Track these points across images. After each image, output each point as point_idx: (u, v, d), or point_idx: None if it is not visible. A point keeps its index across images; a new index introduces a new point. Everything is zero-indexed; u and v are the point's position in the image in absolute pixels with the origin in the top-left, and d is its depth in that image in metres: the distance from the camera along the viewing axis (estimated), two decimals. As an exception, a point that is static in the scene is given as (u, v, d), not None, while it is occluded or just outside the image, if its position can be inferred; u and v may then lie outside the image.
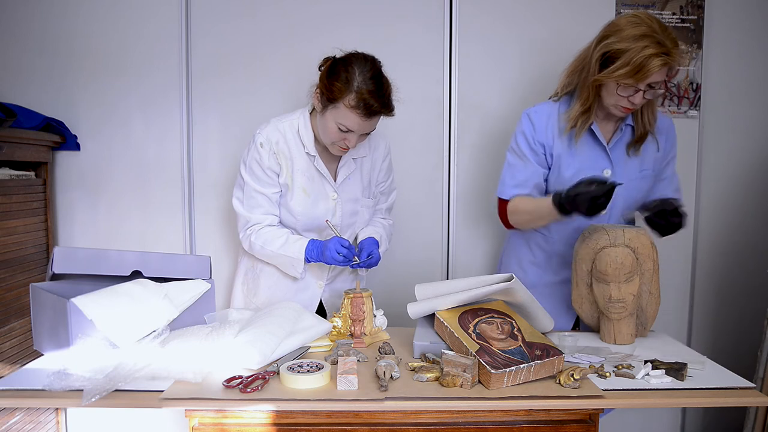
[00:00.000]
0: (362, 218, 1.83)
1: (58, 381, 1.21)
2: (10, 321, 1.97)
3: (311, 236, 1.77)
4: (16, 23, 2.20)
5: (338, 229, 1.73)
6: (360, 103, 1.55)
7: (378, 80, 1.58)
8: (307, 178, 1.73)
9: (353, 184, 1.79)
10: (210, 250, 2.28)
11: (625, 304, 1.54)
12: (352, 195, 1.78)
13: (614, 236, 1.55)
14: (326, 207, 1.75)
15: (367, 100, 1.55)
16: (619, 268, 1.53)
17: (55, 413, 2.22)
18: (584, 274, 1.62)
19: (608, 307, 1.56)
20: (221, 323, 1.46)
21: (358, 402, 1.19)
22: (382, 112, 1.60)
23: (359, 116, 1.57)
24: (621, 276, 1.53)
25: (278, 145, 1.70)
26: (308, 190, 1.73)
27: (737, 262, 2.40)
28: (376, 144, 1.83)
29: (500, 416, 1.24)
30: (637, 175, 1.68)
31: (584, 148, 1.67)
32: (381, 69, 1.62)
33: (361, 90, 1.55)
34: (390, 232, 1.93)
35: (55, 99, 2.23)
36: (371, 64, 1.60)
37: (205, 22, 2.23)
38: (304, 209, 1.73)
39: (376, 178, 1.84)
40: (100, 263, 1.50)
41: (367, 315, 1.59)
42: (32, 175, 2.13)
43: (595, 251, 1.57)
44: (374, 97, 1.56)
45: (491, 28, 2.26)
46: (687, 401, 1.27)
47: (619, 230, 1.56)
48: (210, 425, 1.22)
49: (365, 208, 1.82)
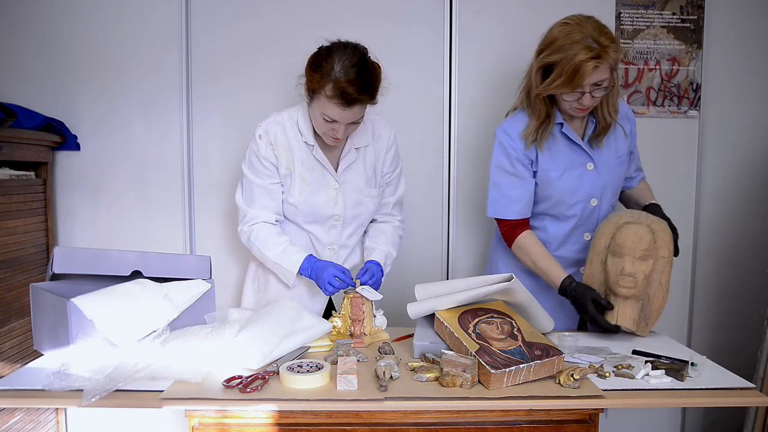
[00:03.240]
0: (367, 209, 1.80)
1: (58, 381, 1.21)
2: (10, 321, 1.97)
3: (313, 229, 1.77)
4: (16, 23, 2.20)
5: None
6: (337, 92, 1.53)
7: (359, 68, 1.55)
8: (306, 167, 1.73)
9: (356, 173, 1.77)
10: (210, 250, 2.28)
11: (635, 279, 1.57)
12: (355, 185, 1.77)
13: (638, 216, 1.64)
14: (327, 197, 1.74)
15: (344, 89, 1.53)
16: (637, 243, 1.57)
17: (55, 413, 2.22)
18: (601, 249, 1.65)
19: (618, 280, 1.58)
20: (221, 323, 1.46)
21: (357, 402, 1.19)
22: (360, 100, 1.56)
23: (338, 106, 1.55)
24: (637, 251, 1.57)
25: (277, 137, 1.71)
26: (308, 180, 1.72)
27: (737, 262, 2.40)
28: (379, 133, 1.80)
29: (500, 416, 1.24)
30: (616, 162, 1.74)
31: (563, 150, 1.71)
32: (364, 56, 1.59)
33: (338, 79, 1.53)
34: (400, 235, 1.91)
35: (55, 99, 2.23)
36: (351, 52, 1.57)
37: (205, 22, 2.23)
38: (304, 198, 1.72)
39: (381, 168, 1.82)
40: (100, 263, 1.50)
41: (366, 315, 1.59)
42: (32, 175, 2.13)
43: (617, 226, 1.62)
44: (352, 85, 1.53)
45: (491, 28, 2.26)
46: (687, 401, 1.27)
47: (643, 213, 1.65)
48: (210, 425, 1.22)
49: (369, 198, 1.80)
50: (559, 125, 1.69)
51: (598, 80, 1.53)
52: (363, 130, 1.76)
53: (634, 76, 2.30)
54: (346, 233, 1.80)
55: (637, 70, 2.30)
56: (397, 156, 1.86)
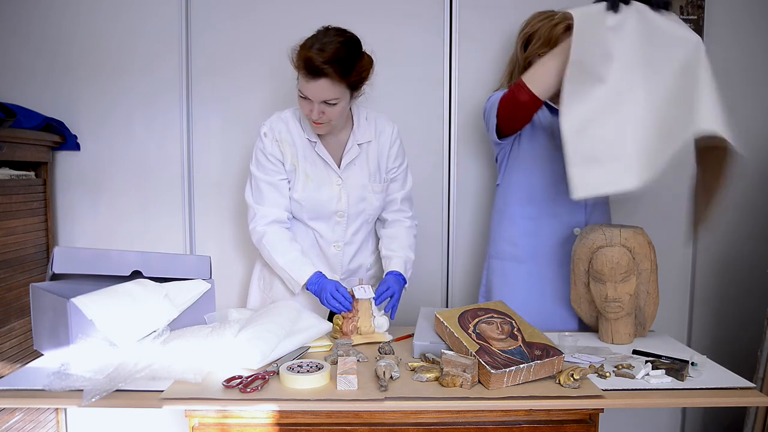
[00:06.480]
0: (371, 205, 1.80)
1: (58, 381, 1.21)
2: (10, 321, 1.97)
3: (318, 225, 1.77)
4: (16, 23, 2.20)
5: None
6: (303, 61, 1.56)
7: (331, 41, 1.57)
8: (310, 163, 1.74)
9: (359, 169, 1.77)
10: (210, 250, 2.28)
11: (621, 303, 1.55)
12: (358, 180, 1.77)
13: (611, 236, 1.57)
14: (331, 193, 1.75)
15: (310, 57, 1.54)
16: (615, 268, 1.53)
17: (55, 413, 2.22)
18: (582, 274, 1.62)
19: (605, 306, 1.56)
20: (221, 323, 1.47)
21: (357, 402, 1.19)
22: (326, 73, 1.54)
23: (305, 77, 1.57)
24: (617, 276, 1.54)
25: (281, 133, 1.72)
26: (311, 175, 1.73)
27: (737, 262, 2.40)
28: (382, 129, 1.81)
29: (500, 416, 1.24)
30: None
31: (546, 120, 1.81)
32: (346, 37, 1.60)
33: (307, 48, 1.56)
34: (414, 234, 1.91)
35: (55, 99, 2.23)
36: (334, 32, 1.60)
37: (205, 22, 2.23)
38: (308, 194, 1.73)
39: (386, 164, 1.82)
40: (100, 263, 1.51)
41: (362, 314, 1.59)
42: (32, 175, 2.13)
43: (592, 251, 1.58)
44: (317, 53, 1.54)
45: (491, 28, 2.26)
46: (687, 401, 1.27)
47: (616, 230, 1.57)
48: (210, 425, 1.22)
49: (373, 194, 1.80)
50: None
51: None
52: (366, 126, 1.78)
53: (634, 76, 2.30)
54: (351, 230, 1.80)
55: (637, 70, 2.29)
56: (401, 151, 1.86)
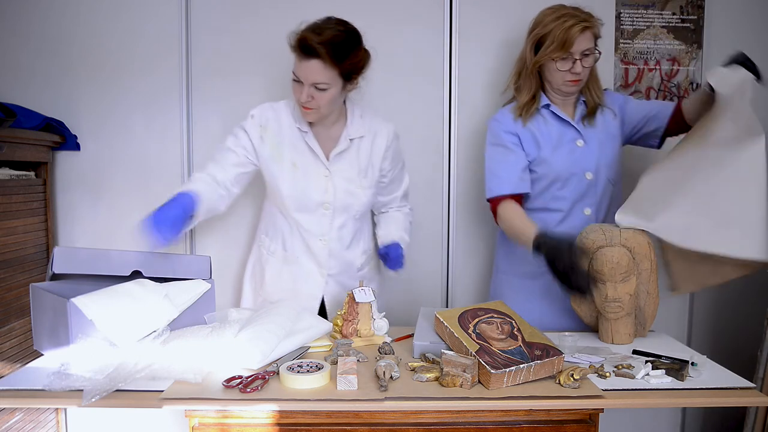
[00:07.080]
0: (359, 200, 1.79)
1: (58, 381, 1.21)
2: (10, 321, 1.97)
3: (303, 218, 1.77)
4: (16, 23, 2.20)
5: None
6: (298, 40, 1.59)
7: (327, 25, 1.61)
8: (298, 153, 1.75)
9: (347, 163, 1.78)
10: (210, 250, 2.28)
11: (621, 303, 1.55)
12: (346, 174, 1.77)
13: (611, 236, 1.57)
14: (317, 184, 1.75)
15: (304, 36, 1.58)
16: (615, 268, 1.53)
17: (55, 413, 2.22)
18: None
19: (605, 306, 1.56)
20: (221, 323, 1.46)
21: (357, 402, 1.19)
22: (318, 53, 1.57)
23: (298, 57, 1.60)
24: (617, 276, 1.54)
25: (269, 121, 1.75)
26: (299, 165, 1.75)
27: (737, 262, 2.40)
28: (377, 129, 1.81)
29: (500, 416, 1.24)
30: (607, 137, 1.82)
31: (553, 128, 1.80)
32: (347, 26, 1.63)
33: (305, 28, 1.60)
34: (410, 221, 1.95)
35: (55, 99, 2.22)
36: (336, 20, 1.64)
37: (205, 22, 2.22)
38: (294, 183, 1.74)
39: (380, 165, 1.82)
40: (100, 263, 1.51)
41: (362, 317, 1.58)
42: (32, 175, 2.12)
43: (592, 251, 1.58)
44: (311, 32, 1.58)
45: (491, 28, 2.26)
46: (687, 401, 1.27)
47: (616, 230, 1.57)
48: (210, 425, 1.22)
49: (362, 190, 1.79)
50: (546, 106, 1.80)
51: (585, 48, 1.68)
52: (359, 122, 1.78)
53: (634, 76, 2.30)
54: (336, 223, 1.79)
55: (637, 70, 2.30)
56: (398, 153, 1.87)
